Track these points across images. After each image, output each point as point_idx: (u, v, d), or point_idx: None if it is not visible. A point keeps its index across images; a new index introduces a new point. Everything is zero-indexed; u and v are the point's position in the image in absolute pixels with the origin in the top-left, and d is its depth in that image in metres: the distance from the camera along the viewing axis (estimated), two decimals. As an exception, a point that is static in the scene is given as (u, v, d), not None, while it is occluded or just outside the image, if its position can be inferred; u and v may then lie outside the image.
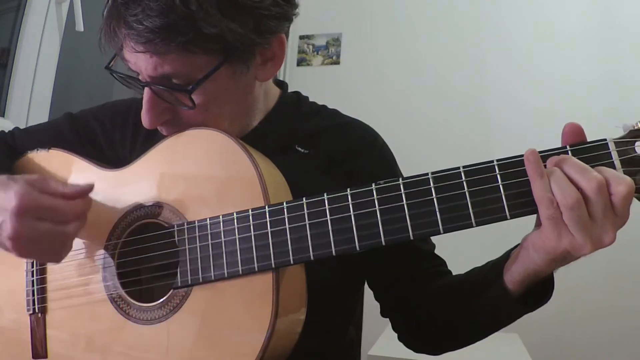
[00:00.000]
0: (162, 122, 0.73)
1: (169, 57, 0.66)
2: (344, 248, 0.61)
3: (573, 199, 0.53)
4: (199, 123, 0.72)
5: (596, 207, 0.53)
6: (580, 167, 0.54)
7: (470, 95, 2.38)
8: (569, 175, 0.54)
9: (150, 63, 0.67)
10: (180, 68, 0.67)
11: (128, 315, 0.70)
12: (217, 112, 0.73)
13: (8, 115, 1.55)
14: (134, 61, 0.69)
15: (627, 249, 1.93)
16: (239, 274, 0.63)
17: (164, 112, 0.72)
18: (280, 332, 0.62)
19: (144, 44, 0.65)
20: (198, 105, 0.70)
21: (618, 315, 2.05)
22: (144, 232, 0.72)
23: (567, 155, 0.56)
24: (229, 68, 0.70)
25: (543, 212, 0.55)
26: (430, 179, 0.59)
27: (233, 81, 0.72)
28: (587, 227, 0.54)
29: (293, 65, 2.64)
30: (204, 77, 0.68)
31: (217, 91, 0.71)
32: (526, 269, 0.62)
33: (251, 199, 0.65)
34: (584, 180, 0.53)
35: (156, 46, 0.65)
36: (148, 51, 0.66)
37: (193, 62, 0.67)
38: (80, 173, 0.80)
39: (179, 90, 0.69)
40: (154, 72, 0.68)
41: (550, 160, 0.56)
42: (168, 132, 0.75)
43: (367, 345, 1.30)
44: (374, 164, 0.85)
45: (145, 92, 0.71)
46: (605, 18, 2.29)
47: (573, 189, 0.53)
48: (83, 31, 1.69)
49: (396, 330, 0.87)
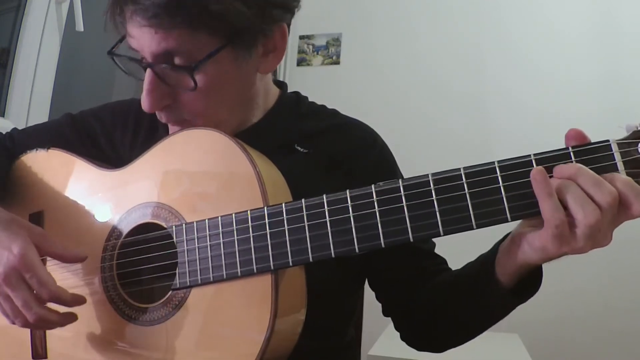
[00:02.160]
0: (162, 107, 0.73)
1: (174, 33, 0.67)
2: (343, 250, 0.60)
3: (595, 218, 0.52)
4: (199, 109, 0.72)
5: (606, 219, 0.53)
6: (595, 180, 0.53)
7: (470, 95, 2.38)
8: (585, 189, 0.53)
9: (154, 39, 0.67)
10: (183, 45, 0.67)
11: (127, 316, 0.70)
12: (218, 98, 0.73)
13: (8, 115, 1.55)
14: (138, 38, 0.69)
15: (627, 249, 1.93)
16: (237, 275, 0.63)
17: (165, 97, 0.72)
18: (280, 333, 0.62)
19: (149, 18, 0.66)
20: (199, 89, 0.70)
21: (618, 315, 2.05)
22: (143, 233, 0.72)
23: (578, 165, 0.54)
24: (231, 52, 0.70)
25: (550, 230, 0.54)
26: (431, 180, 0.58)
27: (235, 67, 0.72)
28: (595, 237, 0.53)
29: (293, 65, 2.64)
30: (207, 56, 0.68)
31: (219, 75, 0.71)
32: (518, 263, 0.62)
33: (250, 199, 0.65)
34: (599, 194, 0.52)
35: (162, 20, 0.66)
36: (153, 26, 0.66)
37: (197, 40, 0.68)
38: (80, 173, 0.80)
39: (182, 69, 0.69)
40: (158, 48, 0.68)
41: (559, 171, 0.55)
42: (167, 119, 0.75)
43: (367, 345, 1.30)
44: (374, 164, 0.85)
45: (147, 74, 0.71)
46: (605, 18, 2.29)
47: (594, 207, 0.52)
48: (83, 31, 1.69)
49: (398, 330, 0.87)
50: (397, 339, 0.87)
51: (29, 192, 0.83)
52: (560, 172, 0.55)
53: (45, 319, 0.66)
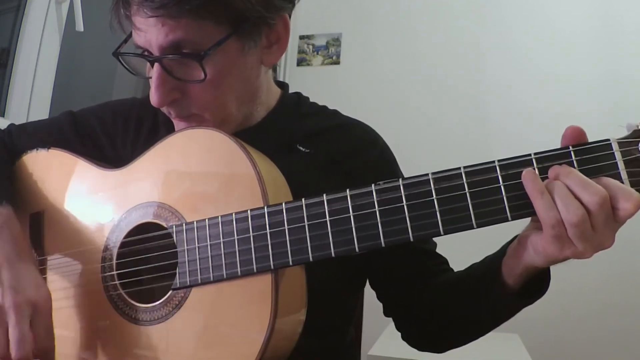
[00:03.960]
0: (171, 101, 0.73)
1: (181, 22, 0.67)
2: (343, 249, 0.60)
3: (578, 217, 0.52)
4: (208, 101, 0.72)
5: (598, 219, 0.52)
6: (582, 181, 0.53)
7: (470, 95, 2.38)
8: (571, 189, 0.53)
9: (162, 31, 0.67)
10: (191, 34, 0.68)
11: (127, 316, 0.70)
12: (226, 89, 0.73)
13: (8, 115, 1.55)
14: (145, 30, 0.69)
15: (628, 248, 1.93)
16: (237, 275, 0.63)
17: (173, 91, 0.72)
18: (280, 333, 0.62)
19: (157, 9, 0.66)
20: (208, 80, 0.70)
21: (618, 315, 2.05)
22: (143, 233, 0.72)
23: (568, 167, 0.54)
24: (238, 42, 0.71)
25: (547, 230, 0.54)
26: (431, 179, 0.58)
27: (242, 57, 0.72)
28: (589, 238, 0.53)
29: (293, 65, 2.64)
30: (215, 45, 0.68)
31: (226, 64, 0.71)
32: (524, 265, 0.62)
33: (250, 198, 0.64)
34: (586, 194, 0.52)
35: (170, 10, 0.66)
36: (161, 16, 0.67)
37: (204, 29, 0.68)
38: (80, 173, 0.80)
39: (190, 58, 0.69)
40: (165, 40, 0.68)
41: (550, 172, 0.55)
42: (176, 113, 0.75)
43: (367, 345, 1.30)
44: (375, 164, 0.85)
45: (155, 69, 0.70)
46: (605, 18, 2.29)
47: (577, 205, 0.52)
48: (83, 31, 1.69)
49: (399, 330, 0.87)
50: (397, 339, 0.87)
51: (29, 192, 0.83)
52: (550, 173, 0.55)
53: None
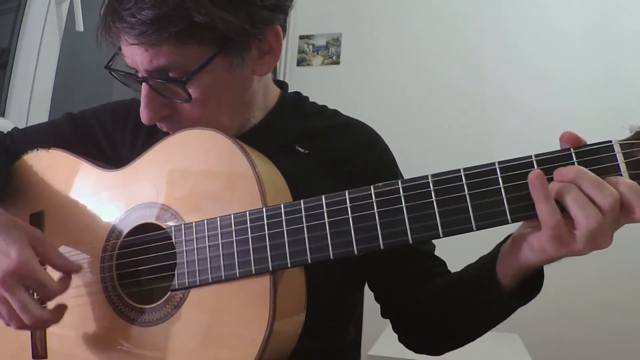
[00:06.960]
0: (161, 117, 0.73)
1: (163, 49, 0.67)
2: (341, 251, 0.60)
3: (597, 222, 0.51)
4: (198, 118, 0.72)
5: (607, 222, 0.52)
6: (597, 183, 0.52)
7: (470, 95, 2.38)
8: (587, 193, 0.52)
9: (145, 57, 0.68)
10: (175, 60, 0.67)
11: (126, 317, 0.70)
12: (215, 106, 0.73)
13: (8, 115, 1.55)
14: (130, 56, 0.69)
15: (628, 248, 1.93)
16: (236, 276, 0.63)
17: (162, 108, 0.73)
18: (280, 334, 0.62)
19: (137, 36, 0.66)
20: (195, 99, 0.70)
21: (618, 315, 2.05)
22: (143, 233, 0.72)
23: (578, 168, 0.53)
24: (224, 60, 0.70)
25: (548, 232, 0.54)
26: (430, 181, 0.58)
27: (230, 74, 0.72)
28: (595, 239, 0.53)
29: (293, 65, 2.64)
30: (199, 68, 0.68)
31: (213, 84, 0.71)
32: (519, 265, 0.61)
33: (249, 200, 0.64)
34: (600, 197, 0.52)
35: (149, 38, 0.66)
36: (142, 43, 0.66)
37: (187, 53, 0.67)
38: (80, 173, 0.80)
39: (174, 82, 0.69)
40: (150, 66, 0.68)
41: (559, 174, 0.54)
42: (168, 128, 0.75)
43: (367, 345, 1.30)
44: (375, 165, 0.85)
45: (143, 88, 0.71)
46: (605, 18, 2.28)
47: (596, 211, 0.52)
48: (83, 31, 1.69)
49: (397, 331, 0.87)
50: (397, 339, 0.87)
51: (29, 192, 0.83)
52: (560, 175, 0.54)
53: (42, 319, 0.66)
